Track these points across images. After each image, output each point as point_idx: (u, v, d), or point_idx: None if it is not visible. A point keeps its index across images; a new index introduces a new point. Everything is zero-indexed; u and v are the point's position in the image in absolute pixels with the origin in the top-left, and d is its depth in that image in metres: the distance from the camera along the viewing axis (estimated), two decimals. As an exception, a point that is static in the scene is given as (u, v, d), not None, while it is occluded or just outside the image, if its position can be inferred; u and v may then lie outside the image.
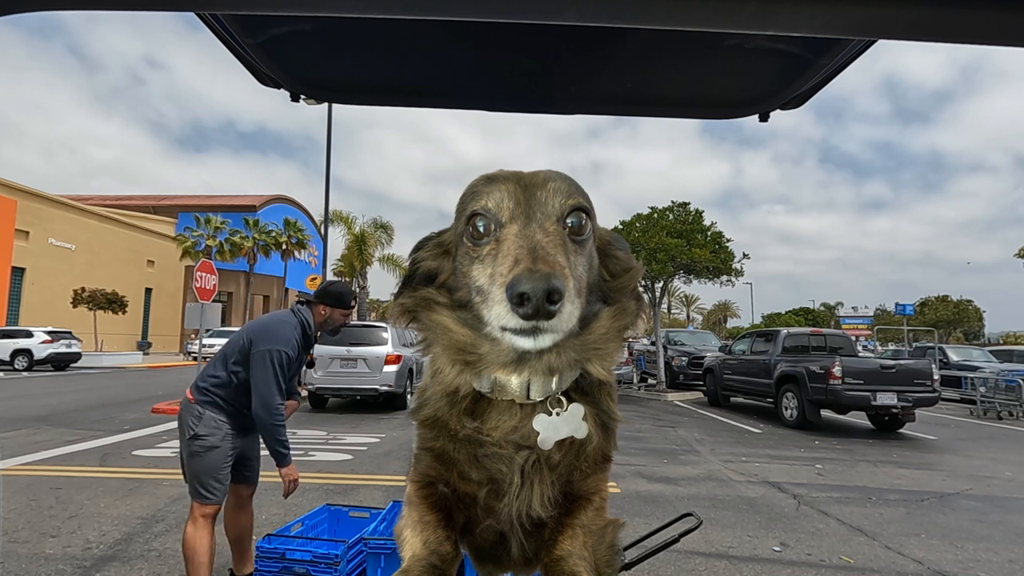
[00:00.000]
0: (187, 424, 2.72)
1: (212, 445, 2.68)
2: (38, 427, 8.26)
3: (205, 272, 10.72)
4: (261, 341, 2.71)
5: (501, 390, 0.74)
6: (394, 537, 0.84)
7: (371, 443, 7.61)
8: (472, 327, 0.73)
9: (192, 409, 2.73)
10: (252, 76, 1.16)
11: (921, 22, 0.52)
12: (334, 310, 2.91)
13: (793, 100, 1.19)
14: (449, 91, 1.31)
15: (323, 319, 2.91)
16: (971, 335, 49.84)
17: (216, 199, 38.81)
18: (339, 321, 2.95)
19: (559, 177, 0.74)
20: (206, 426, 2.69)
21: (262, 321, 2.92)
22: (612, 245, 0.83)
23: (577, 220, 0.72)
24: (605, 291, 0.79)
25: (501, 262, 0.66)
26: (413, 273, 0.82)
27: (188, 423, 2.72)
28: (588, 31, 0.99)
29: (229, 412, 2.74)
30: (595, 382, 0.78)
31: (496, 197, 0.72)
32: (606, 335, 0.74)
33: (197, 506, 2.69)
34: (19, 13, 0.55)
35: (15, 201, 26.03)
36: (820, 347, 11.37)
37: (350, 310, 2.98)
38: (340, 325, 2.97)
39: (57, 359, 19.91)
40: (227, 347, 2.83)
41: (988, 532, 4.69)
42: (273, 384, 2.65)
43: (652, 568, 3.59)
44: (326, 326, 2.93)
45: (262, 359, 2.66)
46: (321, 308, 2.90)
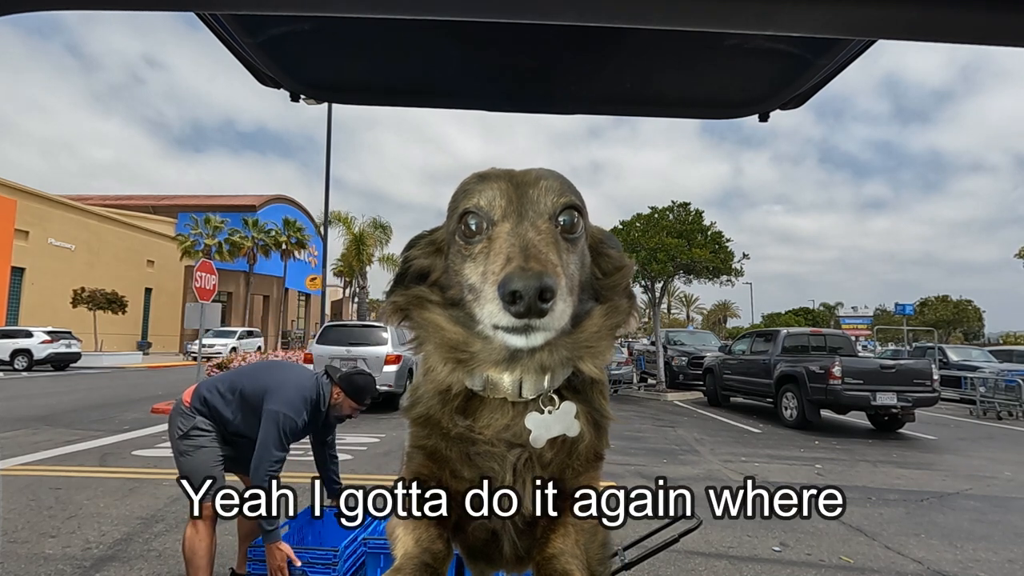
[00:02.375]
0: (176, 425, 2.75)
1: (200, 445, 2.70)
2: (38, 427, 8.26)
3: (205, 272, 10.73)
4: (274, 400, 2.68)
5: (493, 388, 0.74)
6: (387, 535, 0.85)
7: (370, 443, 7.61)
8: (464, 325, 0.72)
9: (183, 410, 2.76)
10: (252, 76, 1.15)
11: (921, 22, 0.52)
12: (347, 399, 2.88)
13: (793, 100, 1.19)
14: (449, 91, 1.31)
15: (335, 402, 2.88)
16: (971, 335, 49.86)
17: (216, 199, 38.80)
18: (346, 412, 2.92)
19: (551, 175, 0.74)
20: (196, 428, 2.72)
21: (284, 378, 2.83)
22: (604, 243, 0.83)
23: (569, 218, 0.72)
24: (597, 289, 0.79)
25: (493, 260, 0.66)
26: (405, 271, 0.82)
27: (178, 424, 2.75)
28: (588, 31, 0.99)
29: (221, 434, 2.79)
30: (587, 380, 0.78)
31: (488, 195, 0.71)
32: (598, 333, 0.74)
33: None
34: (19, 13, 0.55)
35: (15, 201, 26.02)
36: (820, 347, 11.37)
37: (362, 407, 2.95)
38: (346, 415, 2.95)
39: (57, 359, 19.90)
40: (246, 382, 2.80)
41: (987, 532, 4.69)
42: (273, 445, 2.62)
43: (652, 568, 3.59)
44: (333, 410, 2.90)
45: (270, 419, 2.65)
46: (336, 390, 2.87)
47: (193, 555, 2.67)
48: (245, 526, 3.01)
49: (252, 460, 2.63)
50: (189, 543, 2.67)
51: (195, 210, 34.36)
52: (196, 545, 2.67)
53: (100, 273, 29.65)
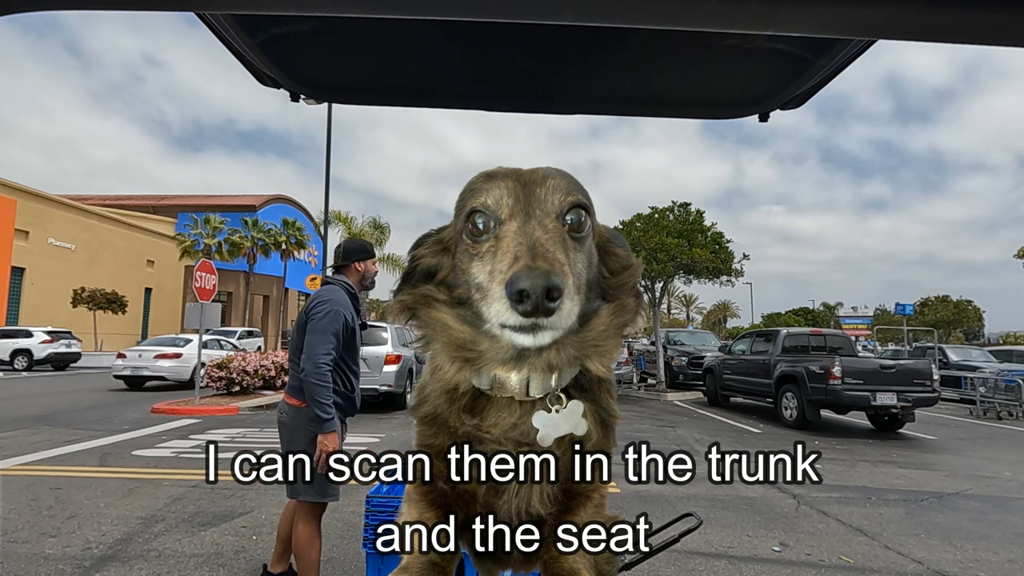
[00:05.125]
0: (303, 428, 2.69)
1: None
2: (38, 427, 8.26)
3: (205, 272, 10.73)
4: (317, 306, 2.69)
5: (500, 387, 0.74)
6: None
7: (370, 443, 7.61)
8: (471, 324, 0.72)
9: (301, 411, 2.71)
10: (252, 76, 1.15)
11: (921, 22, 0.52)
12: (366, 263, 2.92)
13: (793, 100, 1.19)
14: (449, 91, 1.31)
15: (360, 275, 2.91)
16: (971, 335, 49.87)
17: (215, 199, 38.80)
18: (374, 271, 2.97)
19: (558, 174, 0.74)
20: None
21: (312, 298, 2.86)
22: (611, 242, 0.83)
23: (576, 217, 0.72)
24: (604, 288, 0.79)
25: (500, 259, 0.66)
26: (412, 270, 0.82)
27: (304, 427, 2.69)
28: (588, 31, 0.99)
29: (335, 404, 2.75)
30: (594, 379, 0.78)
31: (495, 194, 0.71)
32: (605, 332, 0.74)
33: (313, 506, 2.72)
34: (19, 13, 0.55)
35: (15, 201, 26.03)
36: (820, 347, 11.37)
37: (376, 257, 3.00)
38: (374, 275, 2.99)
39: (57, 359, 19.91)
40: (292, 344, 2.82)
41: (987, 532, 4.69)
42: (325, 340, 2.60)
43: (652, 568, 3.59)
44: (365, 281, 2.94)
45: (319, 318, 2.64)
46: (356, 266, 2.90)
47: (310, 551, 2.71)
48: (287, 528, 2.99)
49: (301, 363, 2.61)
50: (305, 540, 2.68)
51: (195, 210, 34.34)
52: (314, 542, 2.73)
53: (100, 273, 29.65)
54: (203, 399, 10.73)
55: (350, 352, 2.80)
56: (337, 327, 2.65)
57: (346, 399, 2.81)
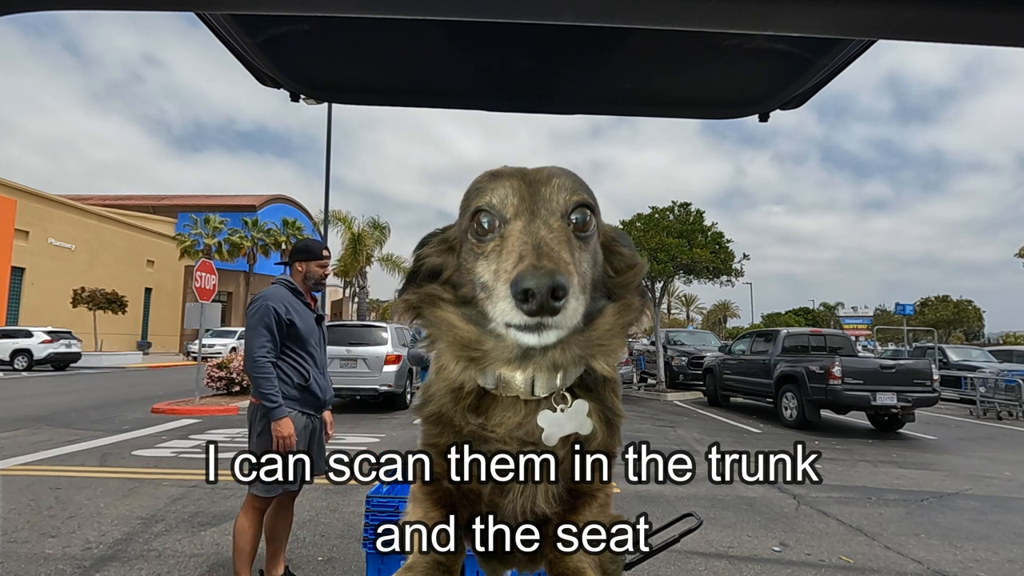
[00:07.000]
0: (254, 422, 2.84)
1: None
2: (38, 427, 8.26)
3: (205, 272, 10.73)
4: (249, 306, 2.83)
5: (505, 386, 0.74)
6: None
7: (371, 443, 7.61)
8: (476, 323, 0.72)
9: (252, 406, 2.86)
10: (252, 76, 1.15)
11: (921, 22, 0.52)
12: (308, 264, 2.98)
13: (793, 100, 1.19)
14: (449, 91, 1.31)
15: (303, 275, 2.98)
16: (971, 335, 49.84)
17: (215, 199, 38.81)
18: (317, 274, 3.01)
19: (563, 173, 0.74)
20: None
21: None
22: (616, 241, 0.83)
23: (581, 216, 0.72)
24: (609, 287, 0.79)
25: (505, 258, 0.66)
26: (417, 269, 0.82)
27: (255, 422, 2.84)
28: (588, 31, 0.99)
29: (290, 397, 2.84)
30: (599, 378, 0.78)
31: (500, 193, 0.71)
32: (610, 331, 0.74)
33: (255, 498, 2.82)
34: (19, 13, 0.55)
35: (15, 201, 26.03)
36: (820, 347, 11.37)
37: (324, 260, 3.03)
38: (321, 278, 3.04)
39: (57, 359, 19.91)
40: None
41: (987, 532, 4.69)
42: (257, 335, 2.73)
43: (652, 568, 3.59)
44: (308, 281, 3.00)
45: (249, 316, 2.78)
46: (298, 266, 2.98)
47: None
48: (273, 528, 3.01)
49: (243, 363, 2.76)
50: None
51: (195, 210, 34.35)
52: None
53: (100, 273, 29.65)
54: (203, 399, 10.73)
55: (297, 343, 2.86)
56: (268, 320, 2.76)
57: (301, 389, 2.86)
